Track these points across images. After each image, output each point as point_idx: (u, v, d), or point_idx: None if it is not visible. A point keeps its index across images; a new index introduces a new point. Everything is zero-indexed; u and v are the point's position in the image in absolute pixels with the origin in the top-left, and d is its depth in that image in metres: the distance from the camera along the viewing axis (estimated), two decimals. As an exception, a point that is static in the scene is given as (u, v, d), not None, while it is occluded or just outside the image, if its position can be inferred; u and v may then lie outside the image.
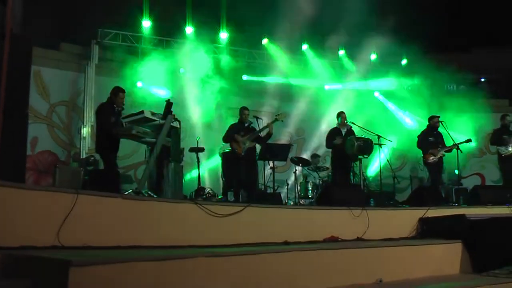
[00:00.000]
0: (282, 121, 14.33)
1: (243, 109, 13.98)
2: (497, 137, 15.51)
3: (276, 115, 13.98)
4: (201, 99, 18.75)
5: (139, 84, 17.85)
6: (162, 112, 10.39)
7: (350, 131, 14.58)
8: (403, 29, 18.85)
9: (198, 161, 15.10)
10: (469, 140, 15.05)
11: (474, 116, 19.71)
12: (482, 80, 21.60)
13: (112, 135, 10.61)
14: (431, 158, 14.65)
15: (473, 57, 20.80)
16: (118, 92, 11.28)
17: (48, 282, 4.91)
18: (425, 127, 15.43)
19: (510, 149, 15.16)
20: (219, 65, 19.16)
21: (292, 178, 16.18)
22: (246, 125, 13.78)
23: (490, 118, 18.50)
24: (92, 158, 14.61)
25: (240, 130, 13.59)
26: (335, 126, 14.86)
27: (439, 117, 15.11)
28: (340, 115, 14.78)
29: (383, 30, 19.65)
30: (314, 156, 17.62)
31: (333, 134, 14.61)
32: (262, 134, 13.52)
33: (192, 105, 18.64)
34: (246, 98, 19.38)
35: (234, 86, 19.59)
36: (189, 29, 18.66)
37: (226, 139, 13.70)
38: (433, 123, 15.02)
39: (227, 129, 13.88)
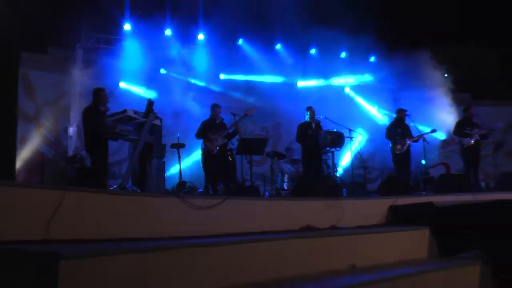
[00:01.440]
0: (251, 115, 14.41)
1: (214, 106, 14.08)
2: (460, 129, 15.67)
3: (245, 110, 14.04)
4: (180, 98, 18.76)
5: (121, 85, 17.87)
6: (144, 111, 10.40)
7: (319, 125, 14.66)
8: (370, 28, 18.96)
9: (179, 157, 15.09)
10: (433, 131, 15.25)
11: (439, 109, 19.84)
12: (445, 75, 21.69)
13: (97, 135, 10.61)
14: (399, 147, 14.83)
15: (435, 53, 20.89)
16: (99, 92, 11.36)
17: (39, 275, 4.91)
18: (393, 119, 15.62)
19: (472, 140, 15.34)
20: (197, 64, 19.17)
21: (269, 171, 16.20)
22: (217, 121, 13.84)
23: (453, 111, 18.57)
24: (79, 155, 14.57)
25: (211, 127, 13.69)
26: (305, 120, 14.91)
27: (406, 110, 15.31)
28: (309, 109, 14.83)
29: (352, 29, 19.79)
30: (289, 149, 17.67)
31: (304, 128, 14.66)
32: (230, 131, 13.64)
33: (173, 103, 18.64)
34: (223, 95, 19.41)
35: (212, 84, 19.65)
36: (168, 32, 18.63)
37: (198, 135, 13.77)
38: (401, 116, 15.27)
39: (199, 126, 13.96)
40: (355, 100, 22.24)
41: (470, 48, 22.29)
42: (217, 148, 13.53)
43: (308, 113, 14.79)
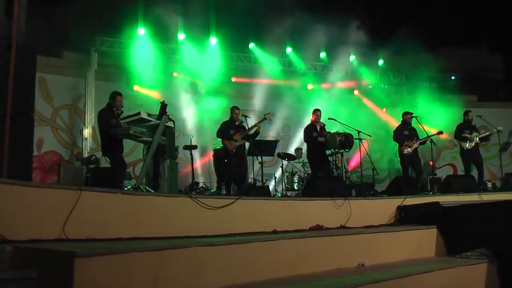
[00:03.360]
0: (270, 120, 14.39)
1: (234, 109, 14.04)
2: (459, 132, 15.64)
3: (264, 114, 14.04)
4: (193, 100, 18.82)
5: (135, 88, 17.93)
6: (157, 113, 10.40)
7: (323, 128, 14.62)
8: (379, 32, 18.96)
9: (192, 158, 15.12)
10: (440, 132, 15.21)
11: (446, 111, 19.80)
12: (452, 78, 21.66)
13: (112, 136, 10.62)
14: (406, 150, 14.79)
15: (442, 56, 20.87)
16: (116, 95, 11.31)
17: (55, 272, 4.92)
18: (400, 122, 15.55)
19: (471, 143, 15.30)
20: (210, 68, 19.18)
21: (279, 171, 16.19)
22: (236, 123, 13.81)
23: (460, 113, 18.50)
24: (94, 157, 14.58)
25: (231, 128, 13.65)
26: (310, 122, 14.86)
27: (412, 113, 15.26)
28: (315, 112, 14.77)
29: (361, 33, 19.83)
30: (297, 150, 17.70)
31: (310, 129, 14.61)
32: (251, 132, 13.58)
33: (185, 105, 18.70)
34: (235, 98, 19.42)
35: (223, 87, 19.65)
36: (181, 36, 18.66)
37: (221, 134, 13.72)
38: (407, 118, 15.21)
39: (219, 126, 13.93)
40: (364, 102, 22.25)
41: (476, 51, 22.23)
42: (235, 148, 13.51)
43: (314, 116, 14.74)
